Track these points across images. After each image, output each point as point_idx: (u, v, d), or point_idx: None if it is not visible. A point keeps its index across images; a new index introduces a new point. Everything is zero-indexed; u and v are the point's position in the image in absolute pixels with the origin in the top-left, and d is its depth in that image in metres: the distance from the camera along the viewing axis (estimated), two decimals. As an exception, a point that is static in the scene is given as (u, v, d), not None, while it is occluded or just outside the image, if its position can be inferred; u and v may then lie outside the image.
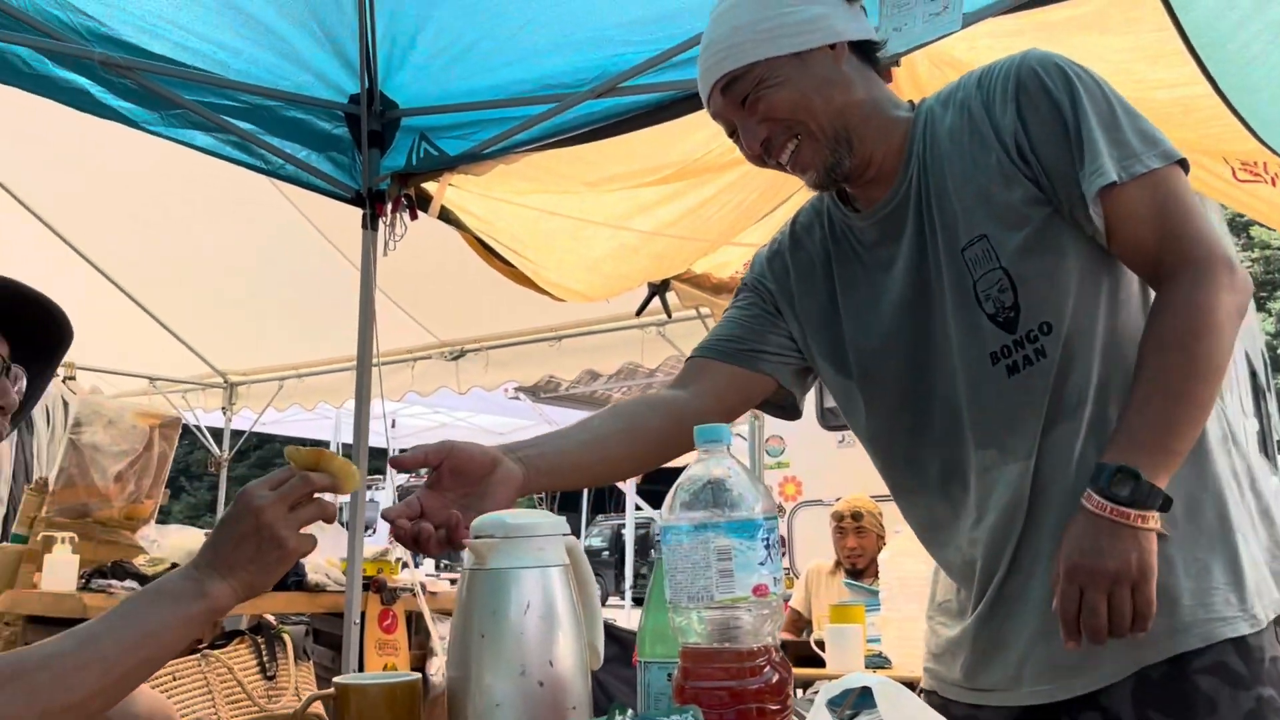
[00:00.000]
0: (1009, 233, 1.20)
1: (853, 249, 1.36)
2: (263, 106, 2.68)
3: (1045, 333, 1.19)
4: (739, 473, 1.13)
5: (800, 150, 1.27)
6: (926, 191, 1.26)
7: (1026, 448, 1.21)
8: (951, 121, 1.25)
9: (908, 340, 1.30)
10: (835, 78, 1.25)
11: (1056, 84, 1.18)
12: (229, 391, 6.61)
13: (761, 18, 1.25)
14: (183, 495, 24.80)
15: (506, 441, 4.35)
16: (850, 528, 4.03)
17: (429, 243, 3.33)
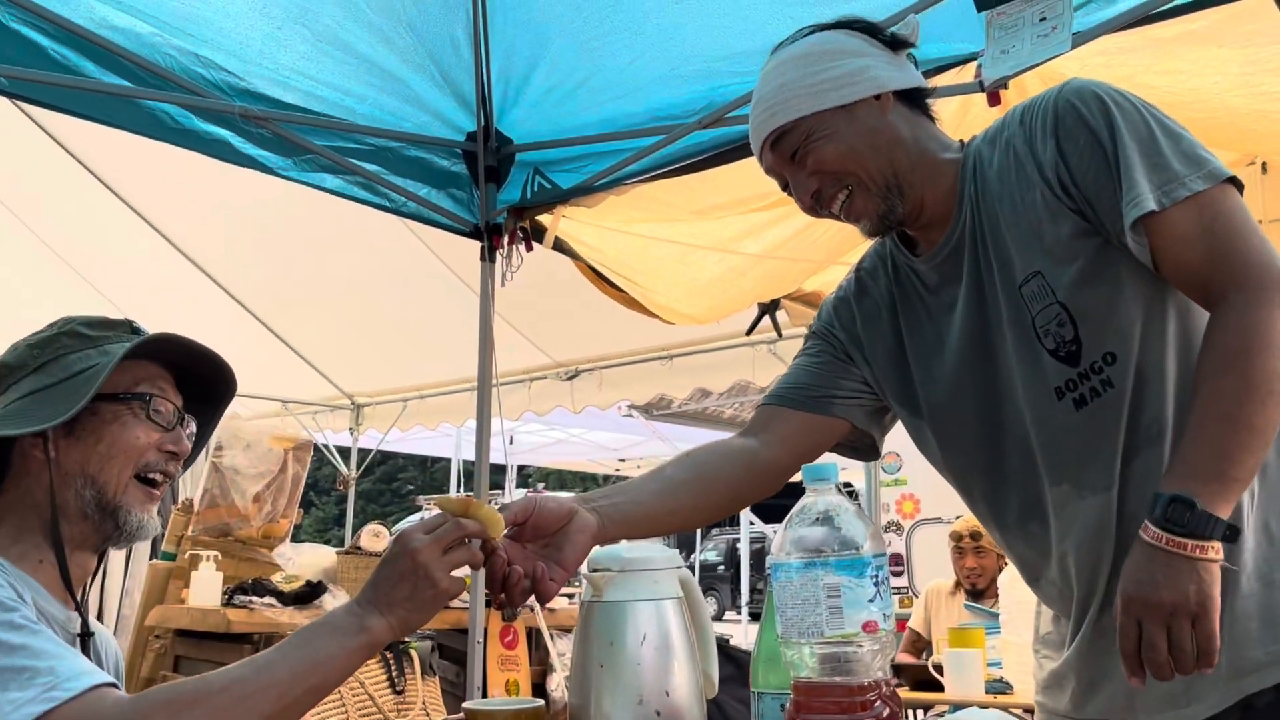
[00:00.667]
0: (1062, 267, 1.20)
1: (916, 292, 1.38)
2: (386, 148, 2.81)
3: (1110, 363, 1.19)
4: (847, 510, 1.16)
5: (852, 200, 1.30)
6: (980, 232, 1.28)
7: (1105, 480, 1.21)
8: (999, 161, 1.26)
9: (974, 381, 1.31)
10: (881, 127, 1.28)
11: (1094, 113, 1.18)
12: (355, 412, 6.88)
13: (807, 73, 1.28)
14: (312, 510, 25.78)
15: (621, 456, 4.54)
16: (969, 547, 3.96)
17: (544, 269, 3.43)
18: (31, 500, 1.21)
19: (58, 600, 1.22)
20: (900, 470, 5.66)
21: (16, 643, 1.02)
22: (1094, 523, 1.22)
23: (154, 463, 1.25)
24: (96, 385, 1.19)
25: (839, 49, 1.30)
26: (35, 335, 1.26)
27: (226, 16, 2.32)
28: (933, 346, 1.36)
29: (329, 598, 3.81)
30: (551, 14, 2.55)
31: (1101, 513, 1.21)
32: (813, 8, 2.37)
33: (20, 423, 1.17)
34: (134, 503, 1.23)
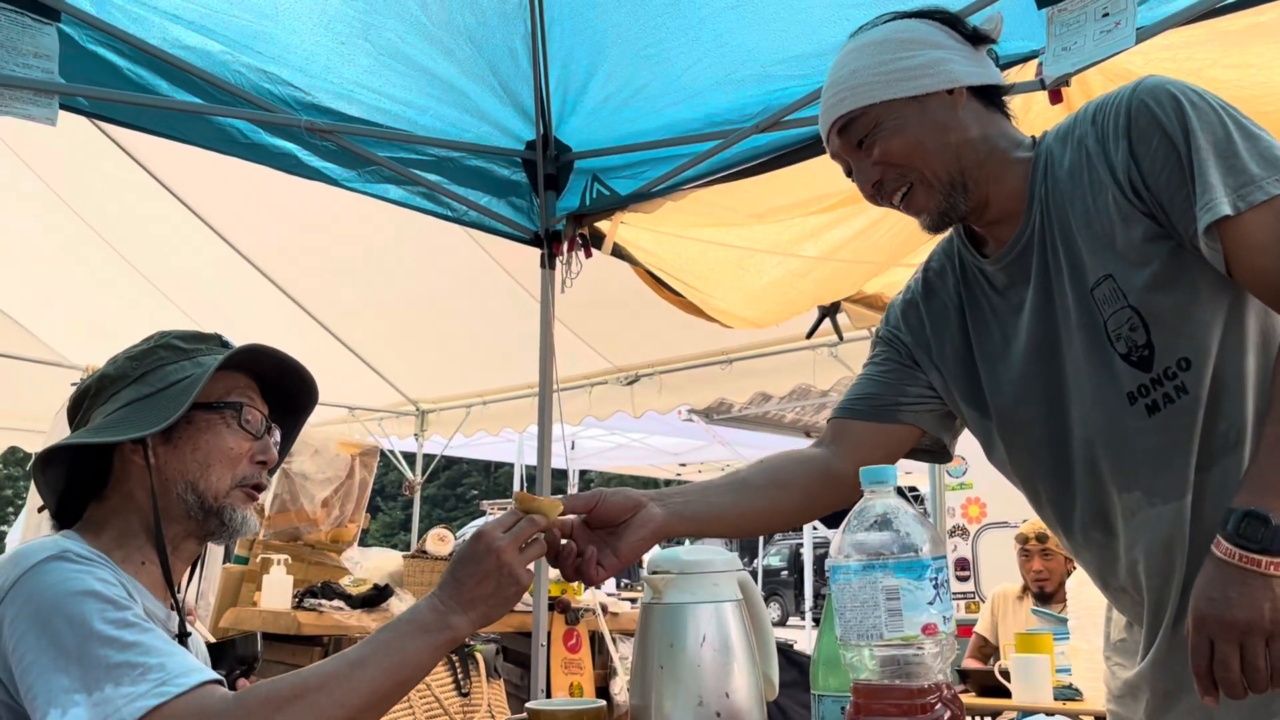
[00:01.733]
0: (1134, 270, 1.18)
1: (984, 293, 1.36)
2: (447, 158, 2.86)
3: (1184, 369, 1.16)
4: (905, 513, 1.15)
5: (913, 195, 1.28)
6: (1050, 233, 1.25)
7: (1178, 489, 1.18)
8: (1070, 160, 1.24)
9: (1041, 384, 1.29)
10: (951, 123, 1.26)
11: (1168, 113, 1.15)
12: (420, 419, 6.98)
13: (880, 61, 1.27)
14: (379, 515, 26.21)
15: (681, 461, 4.58)
16: (1036, 550, 3.90)
17: (603, 275, 3.46)
18: (134, 504, 1.26)
19: (160, 600, 1.27)
20: (966, 474, 5.58)
21: (130, 640, 1.08)
22: (1165, 532, 1.20)
23: (250, 475, 1.31)
24: (193, 394, 1.24)
25: (917, 38, 1.28)
26: (133, 348, 1.32)
27: (292, 34, 2.38)
28: (1000, 349, 1.34)
29: (395, 600, 3.88)
30: (608, 22, 2.58)
31: (1173, 522, 1.19)
32: (869, 9, 2.36)
33: (122, 430, 1.23)
34: (236, 503, 1.29)
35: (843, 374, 5.35)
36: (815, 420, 8.89)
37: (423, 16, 2.48)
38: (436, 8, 2.48)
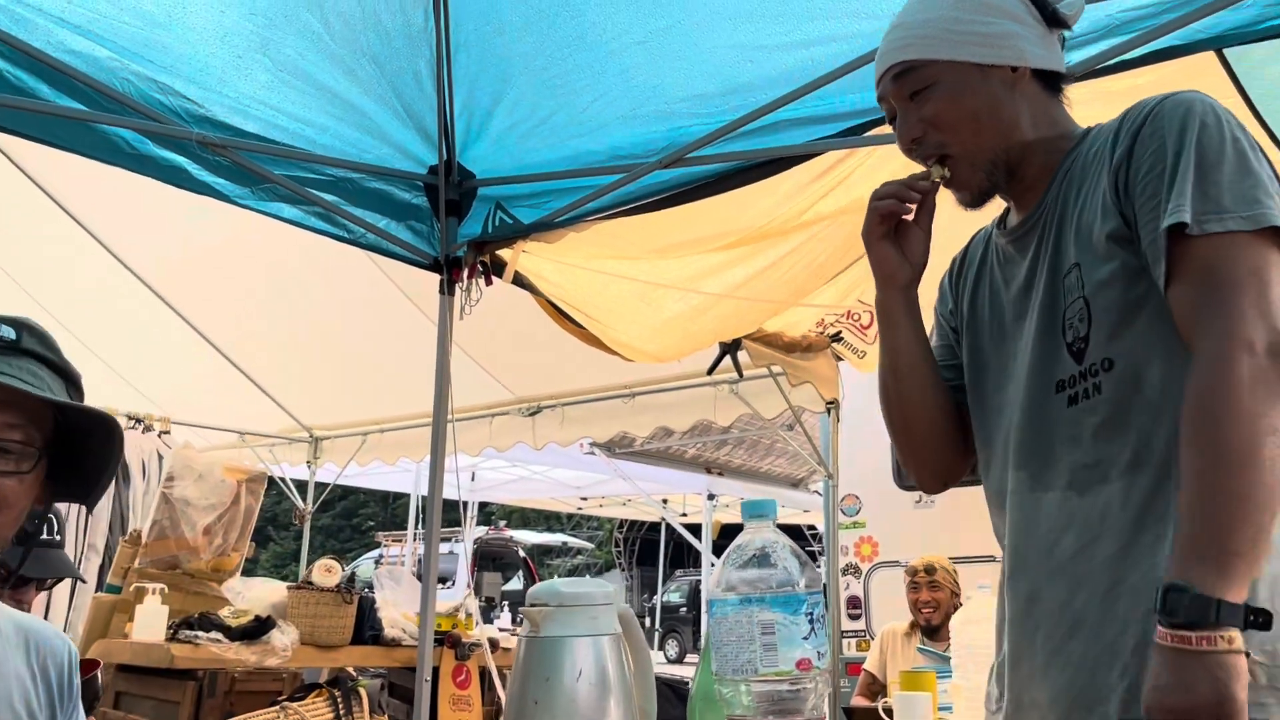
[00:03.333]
0: (1097, 264, 1.18)
1: (993, 264, 1.40)
2: (346, 179, 2.81)
3: (1106, 369, 1.17)
4: (783, 548, 1.16)
5: (955, 170, 1.29)
6: (1053, 216, 1.27)
7: (1059, 479, 1.20)
8: (1092, 151, 1.24)
9: (1000, 360, 1.33)
10: (1007, 101, 1.26)
11: (1175, 124, 1.13)
12: (313, 445, 6.80)
13: (957, 18, 1.26)
14: (270, 544, 25.39)
15: (583, 494, 4.56)
16: (924, 581, 3.98)
17: (508, 304, 3.43)
18: None
19: None
20: (859, 513, 5.67)
21: None
22: (1036, 520, 1.23)
23: None
24: None
25: (998, 6, 1.26)
26: None
27: (186, 44, 2.32)
28: (983, 319, 1.39)
29: (278, 633, 3.74)
30: (515, 51, 2.57)
31: (1046, 513, 1.21)
32: (773, 52, 2.41)
33: None
34: None
35: (742, 410, 5.39)
36: (716, 456, 8.95)
37: (325, 35, 2.43)
38: (339, 26, 2.44)
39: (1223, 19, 2.07)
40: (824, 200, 2.84)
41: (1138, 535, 1.12)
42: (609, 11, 2.39)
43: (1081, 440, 1.18)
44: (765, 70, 2.45)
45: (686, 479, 9.45)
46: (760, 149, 2.60)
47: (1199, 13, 2.02)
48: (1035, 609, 1.22)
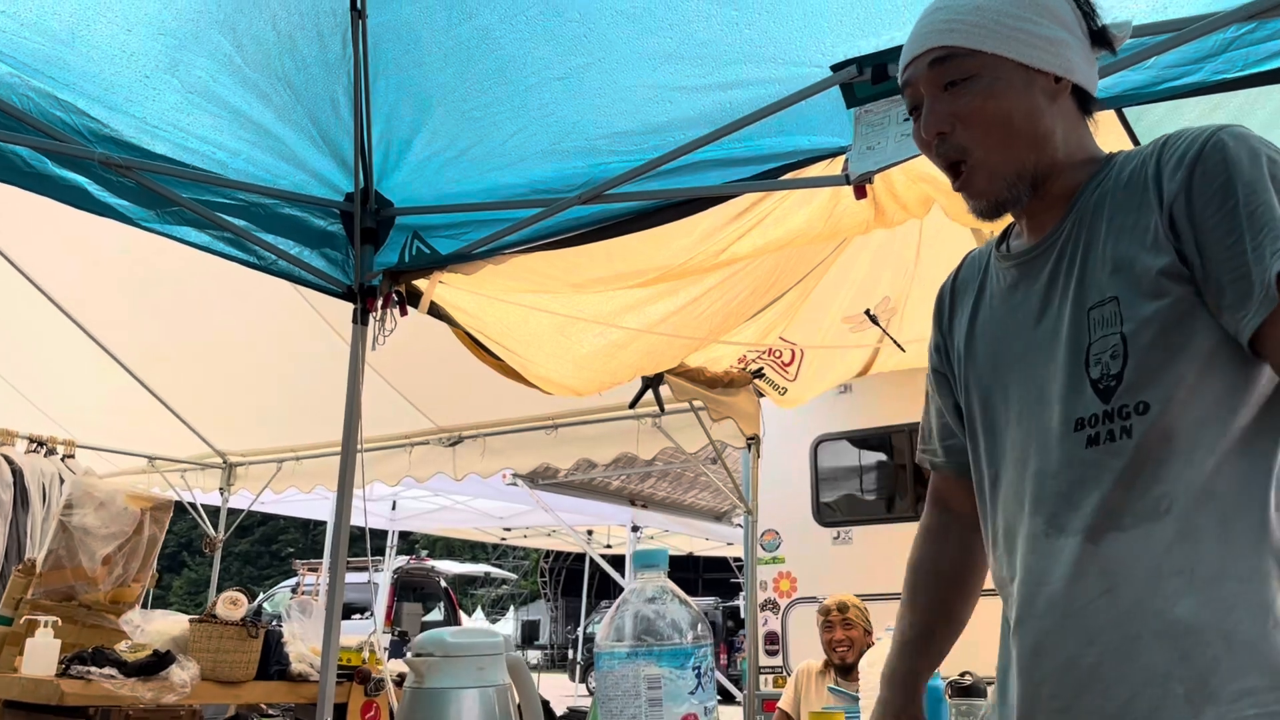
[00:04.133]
0: (1141, 300, 1.10)
1: (990, 290, 1.32)
2: (258, 204, 2.75)
3: (1140, 412, 1.08)
4: (672, 599, 1.14)
5: (973, 177, 1.20)
6: (1075, 245, 1.19)
7: (1077, 524, 1.12)
8: (1127, 180, 1.16)
9: (1006, 393, 1.25)
10: (1045, 111, 1.18)
11: (1243, 162, 1.05)
12: (227, 472, 6.63)
13: (1010, 12, 1.17)
14: (184, 571, 24.65)
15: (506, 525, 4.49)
16: (837, 620, 4.00)
17: (430, 332, 3.38)
18: None
19: None
20: (779, 548, 5.70)
21: None
22: (1052, 565, 1.15)
23: None
24: None
25: (1052, 9, 1.19)
26: None
27: (91, 62, 2.25)
28: (985, 346, 1.31)
29: (177, 669, 3.60)
30: (434, 82, 2.55)
31: (1064, 558, 1.13)
32: (692, 94, 2.43)
33: None
34: None
35: (664, 444, 5.40)
36: (640, 489, 8.92)
37: (237, 58, 2.39)
38: (253, 50, 2.39)
39: (1124, 79, 2.14)
40: (740, 241, 2.86)
41: (1155, 588, 1.06)
42: (529, 47, 2.38)
43: (1101, 484, 1.10)
44: (684, 111, 2.47)
45: (611, 511, 9.41)
46: (678, 188, 2.61)
47: (1102, 72, 2.08)
48: (1042, 661, 1.15)
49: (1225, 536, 1.05)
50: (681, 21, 2.25)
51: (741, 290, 3.61)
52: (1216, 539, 1.05)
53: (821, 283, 4.13)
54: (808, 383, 4.92)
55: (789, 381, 4.87)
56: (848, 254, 3.99)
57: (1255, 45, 1.98)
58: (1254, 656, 1.01)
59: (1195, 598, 1.04)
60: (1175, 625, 1.04)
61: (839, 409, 5.66)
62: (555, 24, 2.32)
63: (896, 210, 2.64)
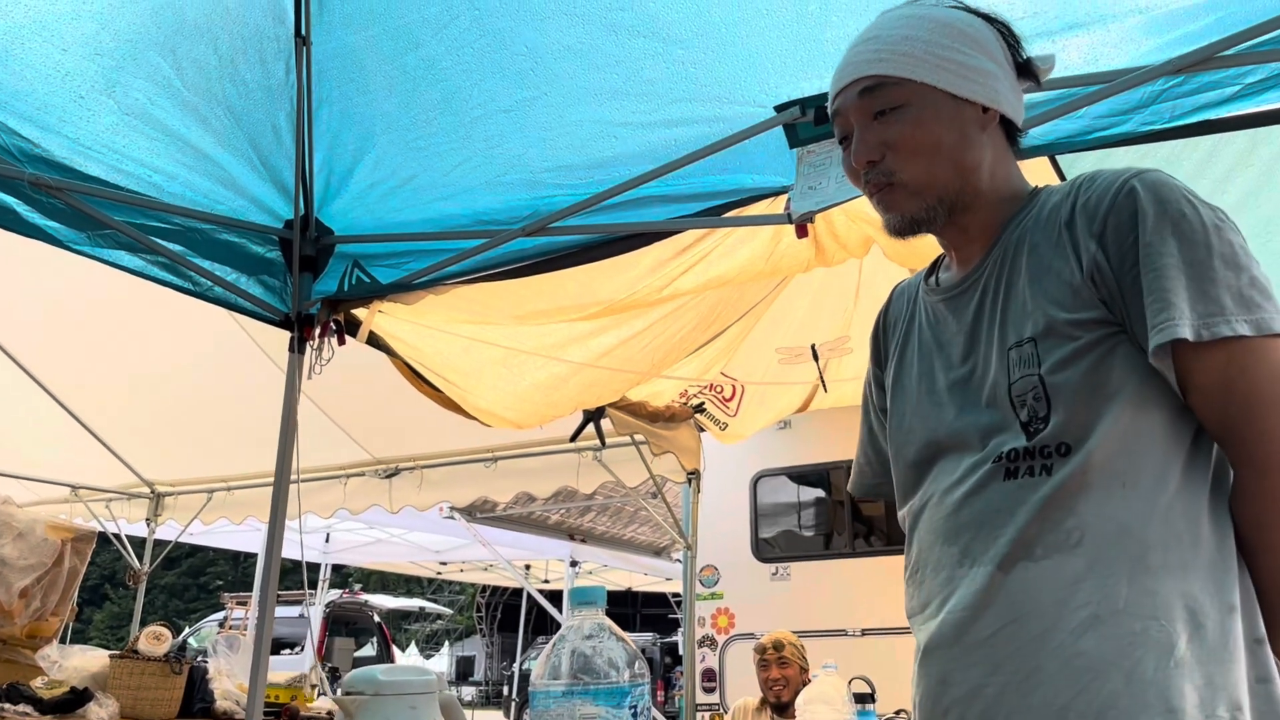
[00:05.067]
0: (1058, 344, 1.12)
1: (920, 322, 1.34)
2: (195, 229, 2.70)
3: (1062, 454, 1.09)
4: (609, 637, 1.13)
5: (893, 192, 1.21)
6: (998, 282, 1.21)
7: (991, 554, 1.12)
8: (1047, 218, 1.18)
9: (931, 427, 1.25)
10: (973, 141, 1.20)
11: (1152, 212, 1.08)
12: (155, 502, 6.45)
13: (940, 43, 1.19)
14: (106, 604, 23.87)
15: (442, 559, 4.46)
16: (773, 659, 3.99)
17: (367, 361, 3.33)
18: None
19: None
20: (718, 584, 5.69)
21: None
22: (966, 594, 1.14)
23: None
24: None
25: (979, 40, 1.20)
26: None
27: (23, 80, 2.20)
28: (909, 381, 1.32)
29: (95, 706, 3.47)
30: (378, 110, 2.53)
31: (976, 588, 1.13)
32: (637, 130, 2.44)
33: None
34: None
35: (605, 478, 5.37)
36: (579, 523, 8.87)
37: (177, 81, 2.35)
38: (193, 74, 2.36)
39: (1056, 127, 2.20)
40: (684, 277, 2.87)
41: (1060, 620, 1.06)
42: (475, 79, 2.38)
43: (1017, 517, 1.11)
44: (629, 146, 2.48)
45: (550, 545, 9.33)
46: (622, 223, 2.62)
47: (1036, 120, 2.14)
48: (948, 690, 1.15)
49: (1136, 573, 1.05)
50: (628, 59, 2.27)
51: (684, 325, 3.62)
52: (1127, 575, 1.05)
53: (763, 319, 4.17)
54: (748, 418, 4.94)
55: (730, 417, 4.89)
56: (789, 292, 4.03)
57: (1181, 99, 2.05)
58: (1153, 695, 1.01)
59: (1099, 632, 1.04)
60: (1077, 659, 1.04)
61: (779, 445, 5.69)
62: (502, 57, 2.33)
63: (837, 250, 2.67)
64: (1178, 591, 1.04)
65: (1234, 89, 2.00)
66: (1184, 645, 1.02)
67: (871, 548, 5.43)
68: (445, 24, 2.28)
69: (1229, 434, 1.06)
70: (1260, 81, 1.98)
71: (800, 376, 4.76)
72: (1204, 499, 1.09)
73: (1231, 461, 1.08)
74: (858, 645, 5.12)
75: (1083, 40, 2.05)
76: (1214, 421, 1.07)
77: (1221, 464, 1.11)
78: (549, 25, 2.23)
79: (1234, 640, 1.04)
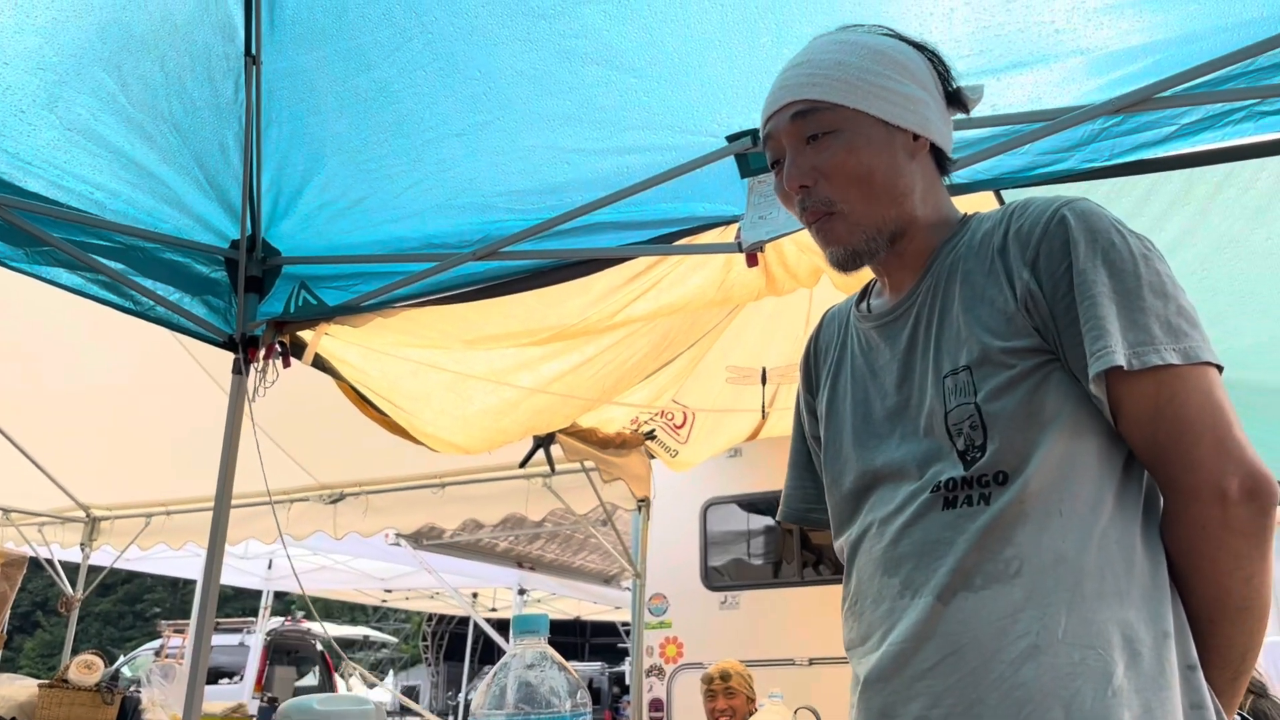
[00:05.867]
0: (993, 372, 1.11)
1: (852, 350, 1.33)
2: (137, 247, 2.65)
3: (999, 482, 1.09)
4: (551, 665, 1.11)
5: (832, 225, 1.19)
6: (931, 309, 1.20)
7: (932, 586, 1.11)
8: (979, 245, 1.18)
9: (867, 456, 1.24)
10: (905, 169, 1.20)
11: (1083, 241, 1.08)
12: (90, 526, 6.28)
13: (871, 70, 1.19)
14: (37, 632, 23.14)
15: (388, 586, 4.38)
16: (720, 689, 3.98)
17: (313, 384, 3.28)
18: None
19: None
20: (666, 612, 5.66)
21: None
22: (906, 625, 1.13)
23: None
24: None
25: (910, 68, 1.21)
26: None
27: (-39, 93, 2.15)
28: (843, 409, 1.30)
29: (21, 738, 3.36)
30: (329, 131, 2.51)
31: (916, 618, 1.11)
32: (590, 156, 2.45)
33: None
34: None
35: (554, 505, 5.34)
36: (528, 550, 8.79)
37: (121, 97, 2.31)
38: (139, 90, 2.32)
39: (1001, 162, 2.25)
40: (635, 304, 2.88)
41: (999, 651, 1.05)
42: (427, 102, 2.37)
43: (956, 547, 1.10)
44: (582, 173, 2.48)
45: (497, 573, 9.24)
46: (574, 249, 2.62)
47: (981, 155, 2.18)
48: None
49: (1074, 602, 1.05)
50: (582, 86, 2.27)
51: (635, 352, 3.62)
52: (1065, 604, 1.05)
53: (714, 347, 4.18)
54: (699, 446, 4.95)
55: (680, 444, 4.89)
56: (740, 320, 4.06)
57: (1120, 137, 2.10)
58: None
59: (1038, 663, 1.04)
60: (1017, 690, 1.03)
61: (729, 473, 5.70)
62: (455, 81, 2.32)
63: (787, 279, 2.69)
64: (1114, 619, 1.04)
65: (1170, 129, 2.06)
66: (1121, 674, 1.02)
67: (820, 576, 5.45)
68: (398, 46, 2.28)
69: (1160, 461, 1.07)
70: (1195, 122, 2.03)
71: (750, 403, 4.78)
72: (1136, 526, 1.09)
73: (1162, 488, 1.08)
74: (805, 674, 5.12)
75: (1026, 79, 2.10)
76: (1145, 448, 1.08)
77: (1151, 490, 1.12)
78: (503, 50, 2.23)
79: (1169, 667, 1.04)
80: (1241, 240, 2.45)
